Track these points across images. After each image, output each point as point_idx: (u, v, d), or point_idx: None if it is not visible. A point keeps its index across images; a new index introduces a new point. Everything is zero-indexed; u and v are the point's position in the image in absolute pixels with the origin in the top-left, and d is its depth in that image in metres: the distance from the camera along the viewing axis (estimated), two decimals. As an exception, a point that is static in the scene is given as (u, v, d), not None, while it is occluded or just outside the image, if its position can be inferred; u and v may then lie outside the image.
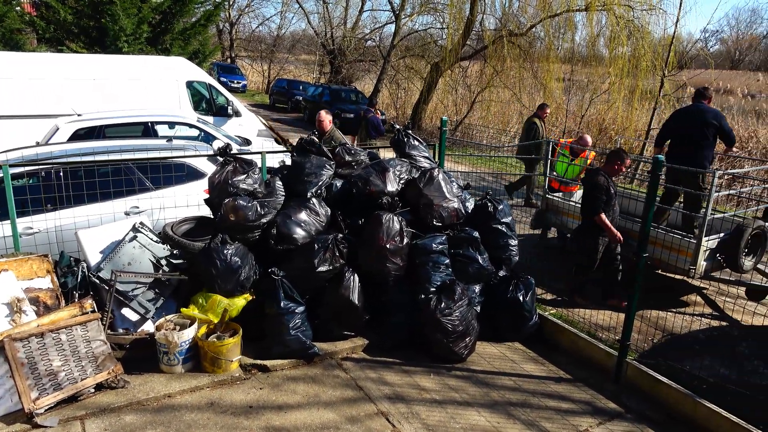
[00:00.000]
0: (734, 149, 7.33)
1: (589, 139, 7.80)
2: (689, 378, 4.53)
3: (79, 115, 8.09)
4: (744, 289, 6.18)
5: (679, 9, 14.66)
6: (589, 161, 7.71)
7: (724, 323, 5.81)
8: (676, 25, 13.58)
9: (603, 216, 5.52)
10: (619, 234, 5.60)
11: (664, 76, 13.86)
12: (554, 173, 7.59)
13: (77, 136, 7.43)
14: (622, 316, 4.63)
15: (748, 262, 5.88)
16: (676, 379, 4.33)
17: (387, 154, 6.49)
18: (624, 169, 5.91)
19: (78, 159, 5.20)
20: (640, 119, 15.91)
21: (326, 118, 6.94)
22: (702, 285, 6.67)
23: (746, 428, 3.70)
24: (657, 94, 14.08)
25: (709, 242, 5.65)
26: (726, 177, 10.58)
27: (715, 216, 5.83)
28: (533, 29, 17.78)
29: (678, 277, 6.63)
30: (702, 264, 5.66)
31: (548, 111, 10.62)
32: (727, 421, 3.80)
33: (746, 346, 5.30)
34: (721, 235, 5.80)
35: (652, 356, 4.89)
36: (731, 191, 6.33)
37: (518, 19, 18.22)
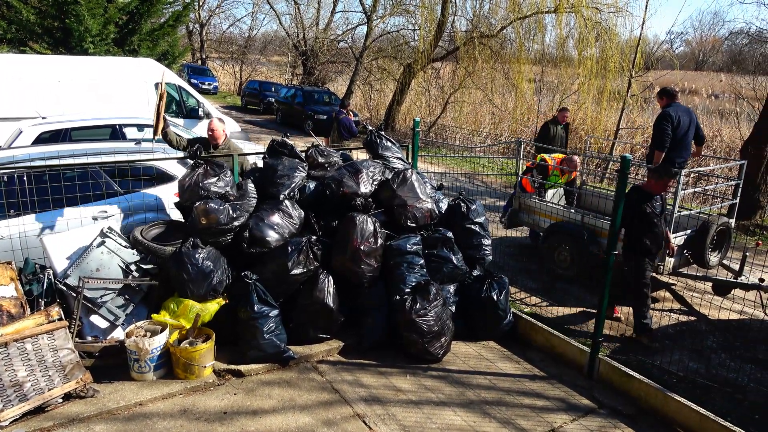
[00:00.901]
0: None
1: (578, 160, 7.47)
2: (660, 372, 4.64)
3: (43, 118, 7.89)
4: (711, 284, 6.34)
5: (645, 11, 15.07)
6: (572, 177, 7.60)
7: (692, 318, 5.95)
8: (642, 27, 13.89)
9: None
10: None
11: (632, 77, 14.15)
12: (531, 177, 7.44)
13: (41, 139, 7.22)
14: (595, 313, 4.70)
15: (713, 258, 6.04)
16: (647, 373, 4.42)
17: (360, 155, 6.48)
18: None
19: (42, 163, 5.05)
20: (609, 119, 16.22)
21: (219, 127, 5.77)
22: (671, 281, 6.83)
23: (714, 420, 3.79)
24: (625, 95, 14.37)
25: (676, 239, 5.78)
26: (692, 175, 10.85)
27: (682, 213, 5.97)
28: (504, 31, 17.97)
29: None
30: (670, 260, 5.79)
31: (567, 115, 9.99)
32: (696, 414, 3.89)
33: (714, 340, 5.45)
34: (688, 232, 5.95)
35: (624, 352, 4.99)
36: (697, 189, 6.48)
37: (489, 20, 18.39)
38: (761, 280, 5.72)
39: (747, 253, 5.98)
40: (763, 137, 9.53)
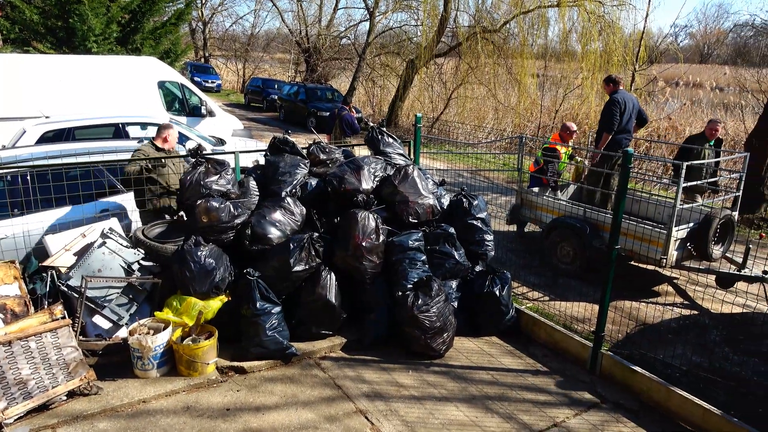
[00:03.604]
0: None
1: (573, 125, 7.86)
2: (662, 366, 4.62)
3: (47, 117, 7.92)
4: (714, 277, 6.32)
5: (648, 4, 14.99)
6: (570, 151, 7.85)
7: (694, 312, 5.93)
8: (645, 20, 13.85)
9: None
10: None
11: (635, 71, 14.11)
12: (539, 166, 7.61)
13: (45, 138, 7.26)
14: (597, 308, 4.69)
15: (717, 251, 6.02)
16: (649, 368, 4.41)
17: (362, 152, 6.48)
18: None
19: (46, 162, 5.08)
20: (613, 113, 16.11)
21: (170, 133, 5.55)
22: (673, 275, 6.81)
23: (718, 414, 3.78)
24: (629, 89, 14.30)
25: (679, 232, 5.76)
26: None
27: (684, 206, 5.95)
28: (507, 25, 17.90)
29: (650, 267, 6.75)
30: (673, 254, 5.77)
31: (719, 128, 7.35)
32: (700, 408, 3.88)
33: (717, 334, 5.43)
34: (691, 224, 5.92)
35: (626, 346, 4.98)
36: (698, 182, 6.46)
37: (492, 15, 18.33)
38: (765, 272, 5.69)
39: (750, 246, 5.95)
40: (768, 130, 9.46)
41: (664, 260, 5.74)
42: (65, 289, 4.35)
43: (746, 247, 5.97)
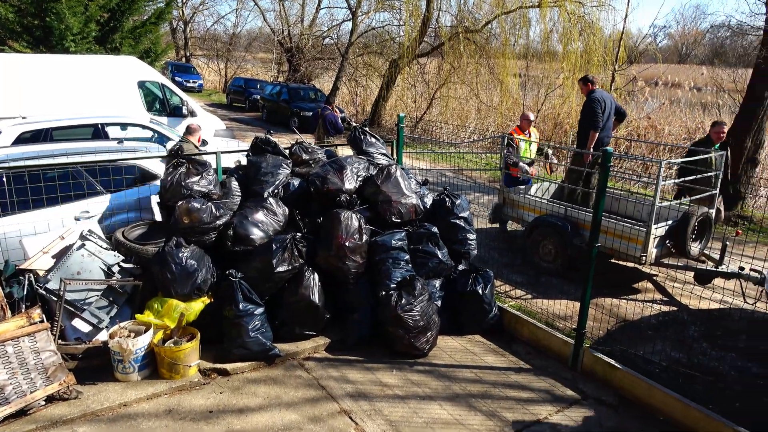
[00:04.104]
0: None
1: (531, 114, 8.03)
2: (643, 362, 4.69)
3: (23, 118, 7.79)
4: (692, 273, 6.42)
5: (627, 5, 15.14)
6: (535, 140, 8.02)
7: (673, 308, 6.02)
8: (624, 21, 14.05)
9: None
10: None
11: (615, 71, 14.28)
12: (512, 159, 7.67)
13: (22, 139, 7.14)
14: (579, 305, 4.74)
15: (695, 248, 6.12)
16: (630, 364, 4.47)
17: (345, 151, 6.47)
18: None
19: (22, 163, 4.99)
20: (594, 113, 16.31)
21: (201, 134, 5.68)
22: (652, 272, 6.91)
23: (697, 408, 3.85)
24: (608, 88, 14.48)
25: (658, 230, 5.85)
26: (674, 167, 10.97)
27: (662, 204, 6.04)
28: (489, 25, 18.01)
29: (630, 264, 6.84)
30: (652, 251, 5.86)
31: (724, 131, 7.24)
32: (679, 403, 3.95)
33: (695, 330, 5.52)
34: (669, 222, 6.02)
35: (607, 343, 5.04)
36: (676, 180, 6.57)
37: (474, 15, 18.43)
38: (741, 268, 5.80)
39: (727, 243, 6.06)
40: (744, 129, 9.65)
41: (644, 258, 5.83)
42: (43, 292, 4.28)
43: (723, 244, 6.08)
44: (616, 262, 6.83)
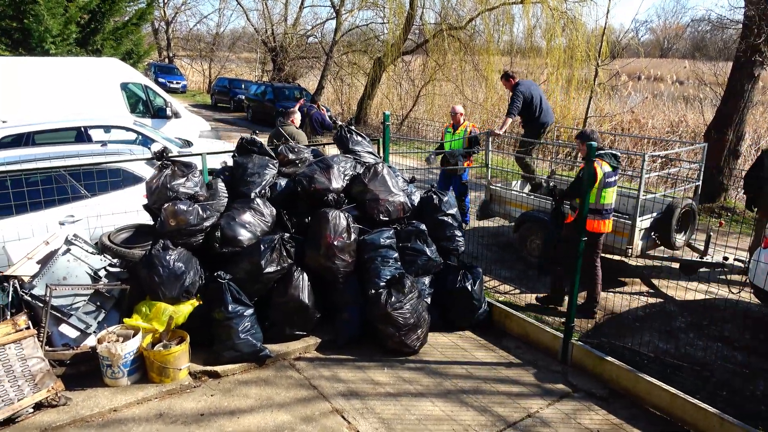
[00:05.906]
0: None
1: (459, 108, 8.24)
2: (631, 354, 4.75)
3: (4, 122, 7.67)
4: (678, 264, 6.51)
5: (609, 0, 15.21)
6: (469, 130, 8.16)
7: (660, 300, 6.10)
8: (606, 16, 14.21)
9: None
10: None
11: (598, 66, 14.38)
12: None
13: (3, 144, 7.04)
14: (566, 299, 4.78)
15: (680, 239, 6.20)
16: (618, 356, 4.52)
17: (331, 150, 6.46)
18: None
19: (4, 168, 4.92)
20: (578, 108, 16.46)
21: (296, 117, 6.10)
22: (638, 264, 6.98)
23: (684, 398, 3.90)
24: (592, 83, 14.59)
25: (643, 222, 5.91)
26: (659, 159, 11.11)
27: (647, 197, 6.11)
28: (472, 22, 18.05)
29: (617, 257, 6.91)
30: (638, 243, 5.92)
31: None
32: (667, 393, 4.00)
33: (682, 321, 5.59)
34: (654, 214, 6.09)
35: (596, 336, 5.10)
36: (661, 173, 6.64)
37: (457, 12, 18.48)
38: (725, 258, 5.89)
39: (711, 234, 6.15)
40: (725, 122, 9.79)
41: (630, 250, 5.89)
42: (29, 298, 4.22)
43: (707, 235, 6.17)
44: (603, 255, 6.89)
